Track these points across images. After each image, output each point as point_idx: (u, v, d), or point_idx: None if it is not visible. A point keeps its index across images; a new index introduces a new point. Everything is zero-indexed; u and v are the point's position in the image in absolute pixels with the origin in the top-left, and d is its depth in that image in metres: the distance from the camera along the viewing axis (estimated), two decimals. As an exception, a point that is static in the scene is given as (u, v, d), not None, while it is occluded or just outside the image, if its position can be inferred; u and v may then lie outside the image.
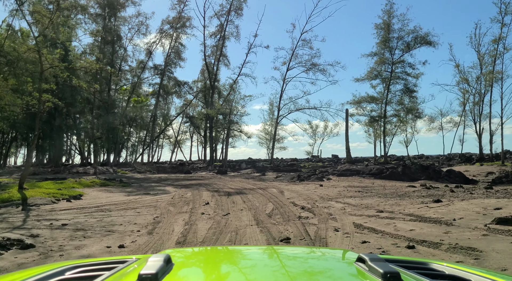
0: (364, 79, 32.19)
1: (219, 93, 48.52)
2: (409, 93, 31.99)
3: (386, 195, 13.05)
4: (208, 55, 46.53)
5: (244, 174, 28.89)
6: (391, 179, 19.79)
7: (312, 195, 13.33)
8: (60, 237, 7.05)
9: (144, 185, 19.80)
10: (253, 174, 28.13)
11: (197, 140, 72.17)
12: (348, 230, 7.02)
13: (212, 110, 38.01)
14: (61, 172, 34.30)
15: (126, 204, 12.11)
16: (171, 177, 27.07)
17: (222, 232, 7.37)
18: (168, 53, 46.83)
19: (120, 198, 14.05)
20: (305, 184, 18.28)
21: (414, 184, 17.01)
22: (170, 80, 49.44)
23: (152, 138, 46.66)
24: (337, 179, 20.36)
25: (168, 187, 18.58)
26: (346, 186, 16.66)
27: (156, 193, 15.40)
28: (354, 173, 21.58)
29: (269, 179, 22.16)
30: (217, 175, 28.12)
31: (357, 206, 10.53)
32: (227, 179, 23.45)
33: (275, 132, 41.32)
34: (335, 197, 12.86)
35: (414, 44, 30.56)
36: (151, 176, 30.48)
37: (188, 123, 64.58)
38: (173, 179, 24.50)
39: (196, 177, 26.91)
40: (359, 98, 33.10)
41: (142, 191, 16.62)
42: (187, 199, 13.27)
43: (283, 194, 14.01)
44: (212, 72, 43.64)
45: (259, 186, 17.51)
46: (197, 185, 18.79)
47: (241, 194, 14.28)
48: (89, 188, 17.55)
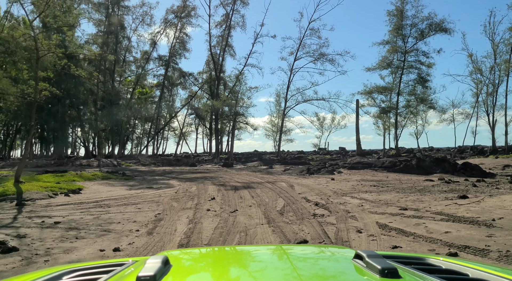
0: (376, 69, 31.08)
1: (224, 84, 47.64)
2: (423, 82, 30.73)
3: (404, 189, 12.21)
4: (214, 46, 45.63)
5: (251, 166, 28.15)
6: (405, 172, 18.91)
7: (324, 190, 12.53)
8: (50, 237, 6.33)
9: (147, 178, 19.13)
10: (260, 167, 27.37)
11: (203, 132, 71.50)
12: (373, 231, 6.22)
13: (217, 102, 37.18)
14: (64, 164, 33.81)
15: (127, 199, 11.41)
16: (175, 170, 26.40)
17: (229, 232, 6.61)
18: (172, 44, 46.00)
19: (121, 192, 13.36)
20: (315, 177, 17.47)
21: (431, 178, 16.13)
22: (175, 71, 48.62)
23: (156, 130, 46.01)
24: (349, 172, 19.51)
25: (172, 180, 17.89)
26: (359, 180, 15.83)
27: (159, 187, 14.70)
28: (365, 166, 20.72)
29: (277, 172, 21.38)
30: (223, 168, 27.40)
31: (375, 202, 9.72)
32: (233, 172, 22.71)
33: (282, 124, 40.44)
34: (350, 191, 12.05)
35: (428, 32, 29.24)
36: (155, 168, 29.85)
37: (193, 115, 63.94)
38: (178, 172, 23.81)
39: (201, 169, 26.22)
40: (370, 88, 32.00)
41: (145, 184, 15.93)
42: (191, 193, 12.54)
43: (293, 188, 13.22)
44: (217, 63, 42.74)
45: (267, 179, 16.74)
46: (202, 178, 18.07)
47: (249, 188, 13.52)
48: (90, 181, 16.90)
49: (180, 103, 54.97)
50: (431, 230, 6.02)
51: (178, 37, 47.51)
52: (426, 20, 29.20)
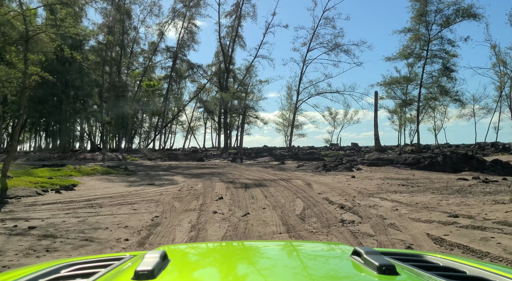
0: (396, 58, 29.22)
1: (234, 77, 46.21)
2: (448, 73, 28.72)
3: (439, 190, 10.72)
4: (223, 37, 44.16)
5: (261, 162, 26.78)
6: (430, 169, 17.35)
7: (347, 189, 11.10)
8: (14, 249, 5.05)
9: (150, 174, 17.90)
10: (271, 163, 25.98)
11: (211, 126, 70.36)
12: (428, 247, 4.80)
13: (226, 94, 35.80)
14: (67, 158, 32.85)
15: (123, 197, 10.14)
16: (182, 165, 25.16)
17: (241, 245, 5.22)
18: (181, 35, 44.65)
19: (120, 189, 12.12)
20: (333, 174, 16.03)
21: (464, 176, 14.57)
22: (183, 63, 47.32)
23: (163, 124, 44.87)
24: (369, 169, 18.02)
25: (177, 176, 16.61)
26: (382, 178, 14.34)
27: (162, 184, 13.42)
28: (386, 163, 19.19)
29: (290, 169, 19.97)
30: (231, 163, 26.08)
31: (411, 205, 8.28)
32: (243, 167, 21.37)
33: (293, 118, 38.90)
34: (376, 191, 10.61)
35: (455, 18, 27.24)
36: (161, 163, 28.68)
37: (202, 109, 62.76)
38: (184, 167, 22.56)
39: (209, 165, 24.93)
40: (391, 79, 30.03)
41: (147, 180, 14.67)
42: (197, 191, 11.22)
43: (311, 187, 11.82)
44: (227, 54, 41.32)
45: (281, 176, 15.35)
46: (209, 175, 16.76)
47: (261, 186, 12.15)
48: (88, 176, 15.71)
49: (188, 97, 53.83)
50: (507, 248, 4.57)
51: (187, 28, 46.18)
52: (453, 5, 27.23)
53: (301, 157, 28.49)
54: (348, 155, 32.86)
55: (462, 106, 39.15)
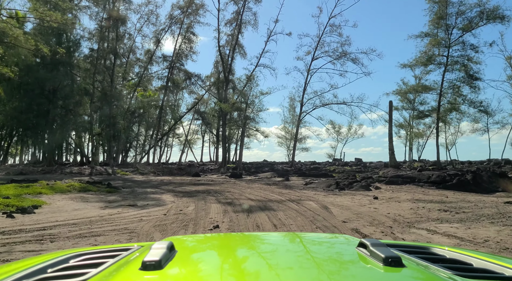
0: (413, 66, 27.19)
1: (233, 88, 44.34)
2: (471, 80, 26.54)
3: (494, 217, 8.50)
4: (223, 45, 42.49)
5: (263, 178, 24.51)
6: (460, 189, 15.14)
7: (376, 215, 8.87)
8: None
9: (137, 191, 15.63)
10: (274, 179, 23.71)
11: (209, 140, 68.31)
12: None
13: (225, 105, 33.79)
14: (52, 172, 30.58)
15: (90, 225, 7.88)
16: (175, 180, 22.88)
17: None
18: (178, 43, 42.96)
19: (91, 212, 9.85)
20: (349, 194, 13.78)
21: (508, 199, 12.34)
22: (180, 72, 45.49)
23: (157, 136, 42.67)
24: (389, 188, 15.79)
25: (167, 194, 14.35)
26: (411, 200, 12.10)
27: (145, 205, 11.15)
28: (407, 181, 17.00)
29: (297, 186, 17.71)
30: (230, 179, 23.81)
31: (477, 242, 6.06)
32: (243, 184, 19.10)
33: (297, 130, 36.79)
34: (415, 219, 8.38)
35: (478, 21, 25.30)
36: (153, 178, 26.41)
37: (200, 121, 60.80)
38: (177, 183, 20.28)
39: (205, 180, 22.65)
40: (408, 88, 27.82)
41: (129, 199, 12.41)
42: (186, 216, 8.98)
43: (329, 211, 9.57)
44: (226, 63, 39.52)
45: (289, 196, 13.10)
46: (204, 193, 14.50)
47: (267, 209, 9.90)
48: (62, 195, 13.43)
49: (186, 108, 51.90)
50: None
51: (185, 36, 44.57)
52: (477, 7, 25.27)
53: (306, 172, 26.27)
54: (356, 171, 30.62)
55: (475, 120, 37.20)
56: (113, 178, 27.03)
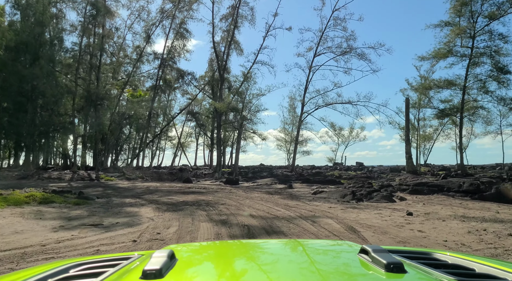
0: (432, 58, 24.61)
1: (229, 87, 41.90)
2: (500, 74, 24.02)
3: None
4: (217, 42, 40.08)
5: (263, 185, 21.96)
6: (501, 200, 12.71)
7: (428, 243, 6.38)
8: None
9: (113, 202, 13.07)
10: (275, 186, 21.18)
11: (203, 143, 65.76)
12: None
13: (221, 104, 31.30)
14: (28, 177, 27.88)
15: (19, 261, 5.34)
16: (163, 188, 20.30)
17: None
18: (169, 39, 40.50)
19: (37, 235, 7.31)
20: (373, 208, 11.29)
21: None
22: (173, 70, 42.98)
23: (145, 139, 40.04)
24: (416, 199, 13.33)
25: (148, 207, 11.80)
26: (455, 217, 9.61)
27: (114, 224, 8.60)
28: (433, 189, 14.57)
29: (305, 196, 15.18)
30: (225, 186, 21.25)
31: None
32: (240, 193, 16.57)
33: (297, 132, 34.31)
34: (490, 252, 5.89)
35: (508, 7, 22.79)
36: (139, 184, 23.81)
37: (193, 123, 58.27)
38: (164, 191, 17.72)
39: (196, 188, 20.08)
40: (427, 83, 25.14)
41: (97, 215, 9.86)
42: (164, 243, 6.47)
43: (360, 235, 7.08)
44: (221, 60, 37.07)
45: (298, 210, 10.59)
46: (194, 205, 11.96)
47: (275, 233, 7.38)
48: (14, 208, 10.82)
49: (178, 109, 49.37)
50: None
51: (178, 32, 42.14)
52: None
53: (310, 178, 23.76)
54: (362, 177, 28.19)
55: (487, 122, 34.88)
56: (94, 184, 24.44)
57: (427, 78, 27.75)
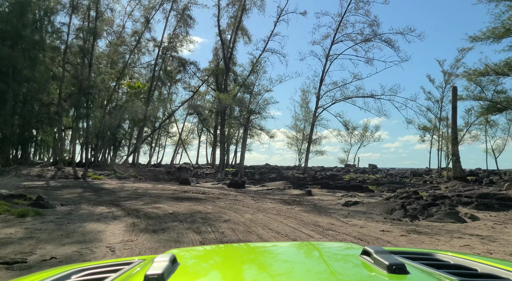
0: (486, 39, 20.72)
1: (235, 79, 38.50)
2: None
3: None
4: (223, 30, 36.61)
5: (274, 190, 18.50)
6: None
7: None
8: None
9: (78, 212, 9.72)
10: (290, 191, 17.73)
11: (206, 140, 62.46)
12: None
13: (225, 95, 27.89)
14: (4, 174, 24.71)
15: None
16: (153, 190, 16.95)
17: None
18: (171, 25, 37.18)
19: None
20: (442, 231, 7.82)
21: None
22: (174, 60, 39.60)
23: (141, 133, 36.71)
24: (490, 217, 9.82)
25: (120, 222, 8.42)
26: None
27: (47, 260, 5.21)
28: (508, 204, 11.08)
29: (335, 209, 11.65)
30: (229, 190, 17.85)
31: None
32: (248, 201, 13.14)
33: (311, 130, 30.78)
34: None
35: None
36: (128, 185, 20.50)
37: (195, 118, 54.97)
38: (152, 196, 14.36)
39: (194, 191, 16.68)
40: (484, 68, 20.99)
41: (37, 237, 6.54)
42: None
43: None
44: (227, 46, 33.68)
45: (340, 235, 7.15)
46: (185, 220, 8.57)
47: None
48: None
49: (180, 103, 46.06)
50: None
51: (181, 18, 38.80)
52: None
53: (330, 183, 20.21)
54: (387, 181, 24.73)
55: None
56: (76, 183, 21.17)
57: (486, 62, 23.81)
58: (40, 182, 21.26)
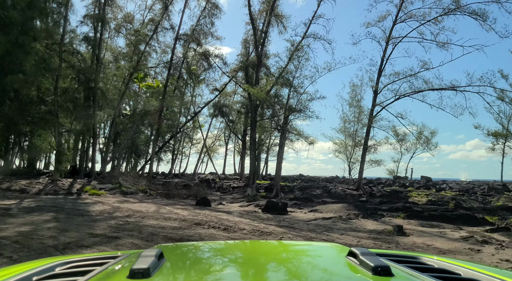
0: None
1: (267, 75, 32.86)
2: None
3: None
4: (255, 17, 31.05)
5: (334, 219, 12.25)
6: None
7: None
8: None
9: None
10: (360, 223, 11.58)
11: (234, 148, 56.98)
12: None
13: (258, 89, 22.19)
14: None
15: None
16: (151, 220, 11.30)
17: None
18: (192, 11, 32.06)
19: None
20: None
21: None
22: (196, 53, 34.37)
23: (157, 138, 31.47)
24: None
25: None
26: None
27: None
28: None
29: None
30: (266, 219, 11.92)
31: None
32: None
33: (367, 133, 24.46)
34: None
35: None
36: (125, 207, 15.08)
37: (222, 122, 49.74)
38: (142, 236, 8.63)
39: (212, 223, 10.83)
40: None
41: None
42: None
43: None
44: (259, 37, 28.12)
45: None
46: None
47: None
48: None
49: (203, 103, 40.87)
50: None
51: (206, 7, 33.72)
52: None
53: (423, 213, 13.50)
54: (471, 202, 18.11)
55: None
56: (59, 203, 16.01)
57: None
58: (11, 201, 16.15)
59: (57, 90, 23.36)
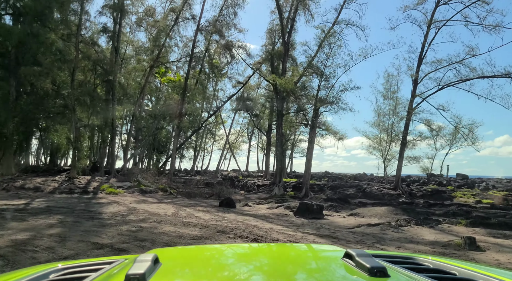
0: None
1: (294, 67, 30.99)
2: None
3: None
4: (281, 3, 29.19)
5: (383, 226, 10.32)
6: None
7: None
8: None
9: None
10: (415, 231, 9.59)
11: (257, 145, 55.34)
12: None
13: (285, 80, 20.42)
14: (-8, 185, 19.09)
15: None
16: (168, 225, 9.79)
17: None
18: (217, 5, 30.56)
19: None
20: None
21: None
22: (218, 45, 32.81)
23: (178, 134, 30.09)
24: None
25: None
26: None
27: None
28: None
29: None
30: (301, 225, 10.24)
31: None
32: None
33: (406, 127, 22.27)
34: None
35: None
36: (141, 208, 13.69)
37: (245, 118, 48.38)
38: (156, 246, 6.99)
39: (238, 231, 9.20)
40: None
41: None
42: None
43: None
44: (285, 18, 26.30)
45: None
46: None
47: None
48: None
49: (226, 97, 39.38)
50: None
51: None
52: None
53: (473, 213, 11.65)
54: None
55: None
56: (72, 203, 14.80)
57: None
58: (21, 200, 15.04)
59: (73, 83, 22.25)
